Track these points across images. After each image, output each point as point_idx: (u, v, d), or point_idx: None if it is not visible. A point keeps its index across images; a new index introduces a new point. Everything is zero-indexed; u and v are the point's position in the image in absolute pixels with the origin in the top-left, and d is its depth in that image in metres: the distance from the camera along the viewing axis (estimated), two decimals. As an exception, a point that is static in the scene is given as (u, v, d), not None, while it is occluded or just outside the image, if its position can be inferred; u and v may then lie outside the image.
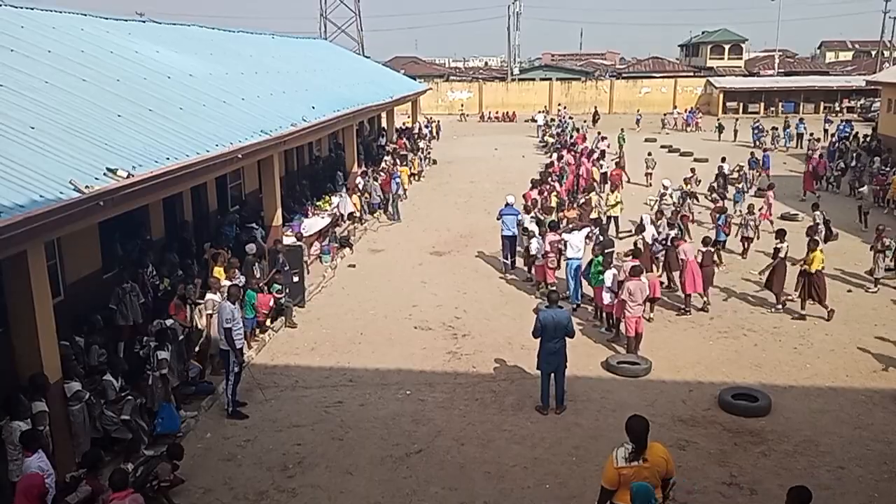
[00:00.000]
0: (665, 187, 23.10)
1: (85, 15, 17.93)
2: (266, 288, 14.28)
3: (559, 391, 11.16)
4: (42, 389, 8.58)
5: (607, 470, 6.67)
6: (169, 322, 11.65)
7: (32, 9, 15.95)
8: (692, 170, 26.94)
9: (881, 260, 16.30)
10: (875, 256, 16.41)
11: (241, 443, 10.42)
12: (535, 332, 11.04)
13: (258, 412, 11.28)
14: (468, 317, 15.29)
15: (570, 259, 15.44)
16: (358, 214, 23.16)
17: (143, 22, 21.26)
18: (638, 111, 55.12)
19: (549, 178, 23.69)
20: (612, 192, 21.46)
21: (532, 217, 18.27)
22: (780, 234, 15.70)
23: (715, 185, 25.72)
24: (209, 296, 12.35)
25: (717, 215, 19.13)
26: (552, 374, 11.06)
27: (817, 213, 19.16)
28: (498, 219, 18.52)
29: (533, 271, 16.70)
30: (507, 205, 18.50)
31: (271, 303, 14.15)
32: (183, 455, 9.28)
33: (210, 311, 12.10)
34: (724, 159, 29.15)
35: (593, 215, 19.75)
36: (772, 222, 20.72)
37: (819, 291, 14.61)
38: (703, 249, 15.46)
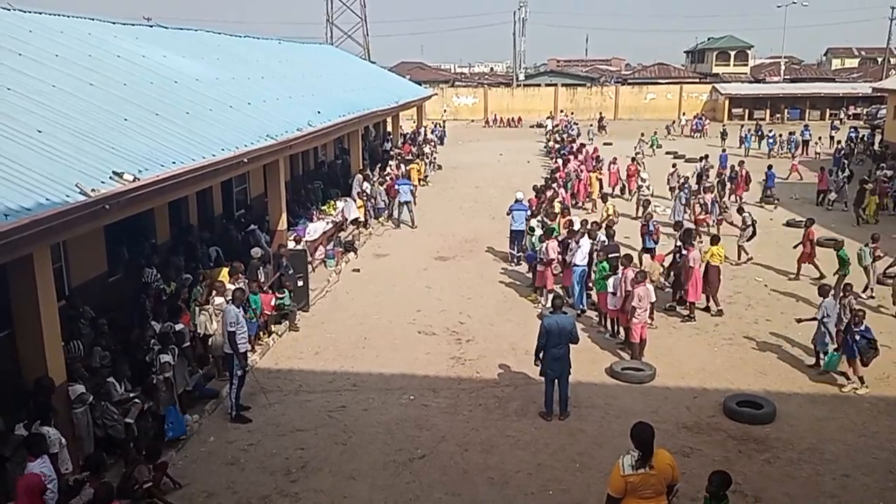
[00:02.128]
0: (643, 180, 24.80)
1: (92, 19, 18.04)
2: (271, 290, 14.31)
3: (563, 397, 11.14)
4: (48, 392, 8.60)
5: (614, 477, 6.64)
6: (178, 326, 11.67)
7: (40, 13, 16.03)
8: (674, 165, 27.29)
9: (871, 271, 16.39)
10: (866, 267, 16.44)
11: (244, 447, 10.42)
12: (539, 337, 11.02)
13: (261, 416, 11.28)
14: (472, 322, 15.28)
15: (577, 265, 15.41)
16: (363, 219, 23.16)
17: (151, 26, 21.35)
18: (601, 115, 56.11)
19: (554, 185, 23.68)
20: (604, 201, 21.58)
21: (539, 221, 18.36)
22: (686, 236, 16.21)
23: (695, 186, 25.69)
24: (216, 299, 12.40)
25: (647, 222, 18.64)
26: (556, 381, 11.04)
27: (745, 214, 19.53)
28: (508, 214, 19.53)
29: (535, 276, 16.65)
30: (516, 200, 19.50)
31: (273, 302, 14.13)
32: (159, 456, 9.28)
33: (215, 310, 12.14)
34: (702, 158, 29.46)
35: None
36: (709, 226, 20.83)
37: (709, 286, 15.26)
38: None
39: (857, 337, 11.73)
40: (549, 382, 11.08)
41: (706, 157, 29.53)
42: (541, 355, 11.03)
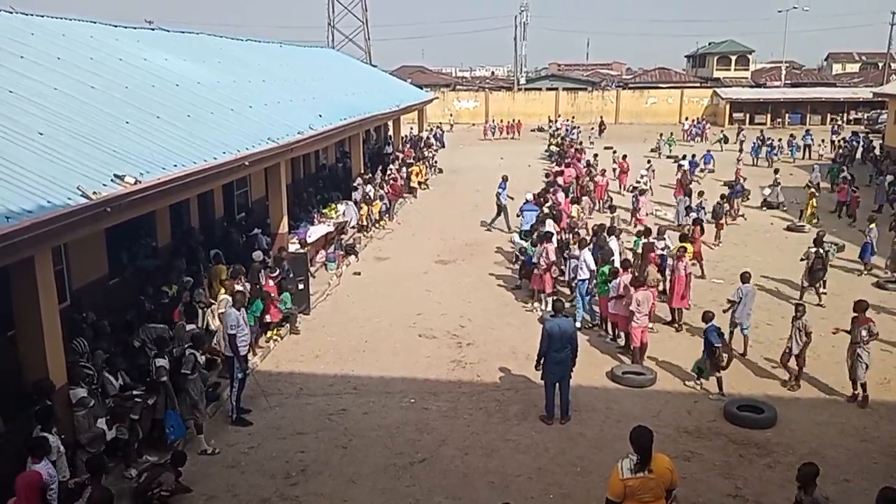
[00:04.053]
0: (642, 175, 26.58)
1: (94, 22, 18.06)
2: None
3: (564, 401, 11.12)
4: (47, 394, 8.59)
5: (613, 482, 6.64)
6: (189, 326, 11.68)
7: (42, 16, 16.07)
8: (648, 161, 27.63)
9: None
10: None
11: (244, 450, 10.41)
12: (542, 341, 11.00)
13: (262, 419, 11.28)
14: (473, 325, 15.27)
15: (582, 280, 15.02)
16: (366, 224, 23.12)
17: (152, 30, 21.39)
18: (601, 119, 56.34)
19: (552, 189, 23.64)
20: (574, 203, 21.81)
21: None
22: (645, 234, 17.08)
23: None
24: (222, 296, 12.44)
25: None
26: (557, 384, 11.02)
27: (692, 214, 20.55)
28: (518, 215, 20.36)
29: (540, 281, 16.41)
30: (526, 201, 20.38)
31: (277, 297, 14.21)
32: (186, 461, 9.29)
33: (223, 311, 12.15)
34: (684, 157, 29.73)
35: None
36: (645, 227, 20.89)
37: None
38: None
39: (706, 337, 11.96)
40: (550, 386, 11.06)
41: (684, 156, 30.23)
42: (542, 360, 11.01)
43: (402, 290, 17.79)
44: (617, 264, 14.69)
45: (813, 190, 24.88)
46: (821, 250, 16.44)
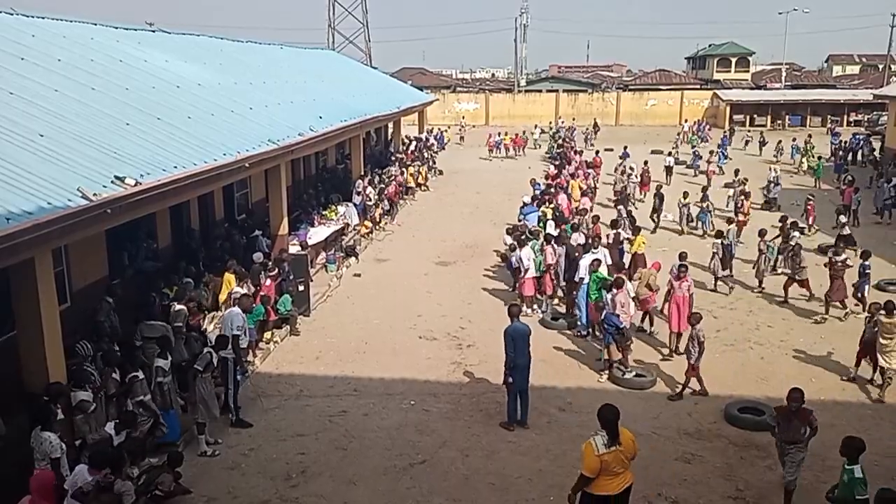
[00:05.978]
0: (632, 168, 27.38)
1: (95, 24, 18.09)
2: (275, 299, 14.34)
3: (526, 405, 11.09)
4: (58, 398, 8.60)
5: (588, 459, 7.09)
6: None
7: (43, 18, 16.09)
8: (621, 157, 27.98)
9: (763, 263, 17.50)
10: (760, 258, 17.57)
11: (244, 451, 10.41)
12: (507, 349, 10.82)
13: (262, 421, 11.27)
14: (473, 327, 15.26)
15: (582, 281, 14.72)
16: (369, 228, 23.05)
17: (153, 31, 21.41)
18: (595, 122, 55.53)
19: (550, 190, 23.63)
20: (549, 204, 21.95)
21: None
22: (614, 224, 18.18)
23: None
24: (237, 289, 12.61)
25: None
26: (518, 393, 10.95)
27: (620, 207, 21.85)
28: (520, 220, 20.17)
29: (522, 287, 16.00)
30: (524, 204, 20.54)
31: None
32: (182, 462, 9.27)
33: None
34: (669, 153, 29.91)
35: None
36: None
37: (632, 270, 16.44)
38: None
39: (607, 324, 12.43)
40: (515, 395, 10.93)
41: (670, 153, 30.73)
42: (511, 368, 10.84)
43: (402, 291, 17.78)
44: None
45: (744, 187, 25.22)
46: (724, 242, 17.38)
